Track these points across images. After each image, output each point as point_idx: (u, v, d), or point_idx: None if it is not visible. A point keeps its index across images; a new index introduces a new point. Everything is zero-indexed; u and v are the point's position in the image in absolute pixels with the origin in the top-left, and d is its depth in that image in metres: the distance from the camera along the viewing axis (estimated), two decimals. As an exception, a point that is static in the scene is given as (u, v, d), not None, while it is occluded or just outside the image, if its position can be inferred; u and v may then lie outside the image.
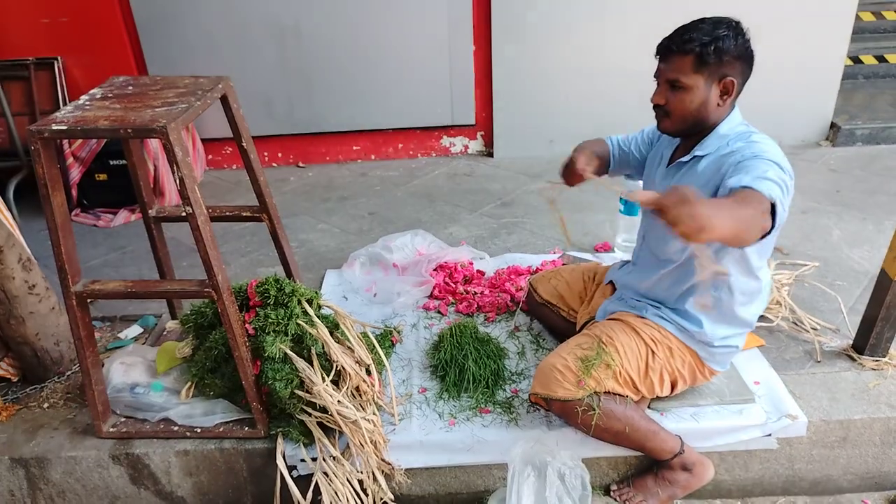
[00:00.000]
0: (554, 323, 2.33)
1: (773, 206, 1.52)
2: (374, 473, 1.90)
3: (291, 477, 1.90)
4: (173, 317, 2.51)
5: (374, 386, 1.98)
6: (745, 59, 1.69)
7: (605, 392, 1.83)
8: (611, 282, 2.17)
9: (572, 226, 3.21)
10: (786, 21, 3.78)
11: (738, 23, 1.68)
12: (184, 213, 1.74)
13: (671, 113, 1.74)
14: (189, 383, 2.06)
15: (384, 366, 2.10)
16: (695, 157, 1.78)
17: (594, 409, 1.79)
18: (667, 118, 1.77)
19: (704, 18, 1.68)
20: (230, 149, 4.14)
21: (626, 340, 1.87)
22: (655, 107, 1.77)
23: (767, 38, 3.73)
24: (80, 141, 3.48)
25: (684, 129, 1.77)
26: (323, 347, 1.91)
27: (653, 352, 1.88)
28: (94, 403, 1.99)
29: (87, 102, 1.82)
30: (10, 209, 3.36)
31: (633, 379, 1.86)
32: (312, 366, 1.89)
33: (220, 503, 2.11)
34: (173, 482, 2.07)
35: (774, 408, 2.01)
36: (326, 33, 3.85)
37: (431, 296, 2.66)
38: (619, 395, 1.86)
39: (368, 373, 1.99)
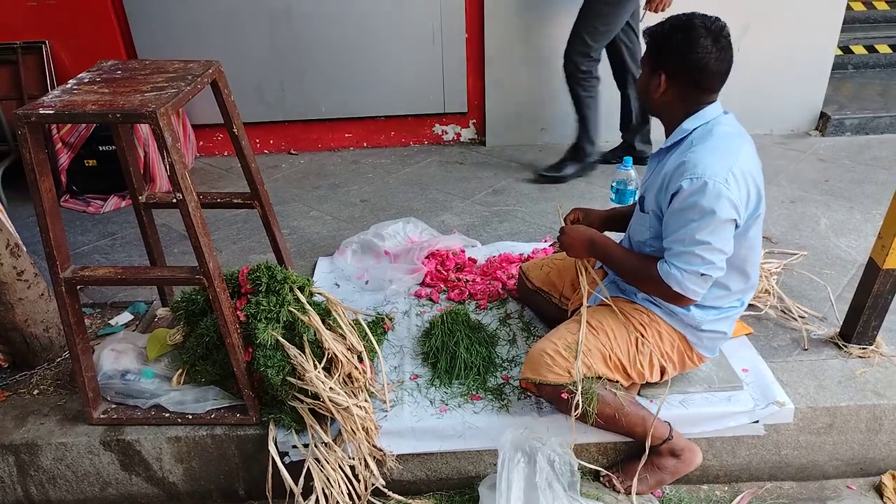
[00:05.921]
0: (545, 310, 2.34)
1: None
2: (365, 460, 1.91)
3: (283, 463, 1.91)
4: (164, 304, 2.50)
5: (365, 373, 1.98)
6: (683, 60, 1.68)
7: (595, 377, 1.85)
8: (602, 266, 2.18)
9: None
10: (777, 11, 3.78)
11: (694, 26, 1.66)
12: (174, 200, 1.73)
13: None
14: (180, 370, 2.06)
15: (376, 353, 2.11)
16: (661, 150, 1.84)
17: (585, 395, 1.81)
18: None
19: (679, 16, 1.71)
20: (221, 135, 4.11)
21: (616, 325, 1.89)
22: None
23: (758, 28, 3.81)
24: (68, 126, 3.44)
25: (645, 108, 1.89)
26: (315, 334, 1.91)
27: (642, 335, 1.89)
28: (84, 390, 1.98)
29: (75, 86, 1.80)
30: (-3, 195, 3.34)
31: (624, 363, 1.88)
32: (304, 353, 1.89)
33: (212, 489, 2.11)
34: (165, 468, 2.07)
35: (762, 395, 2.03)
36: (318, 18, 3.81)
37: (423, 283, 2.66)
38: (610, 380, 1.87)
39: (360, 360, 1.99)
